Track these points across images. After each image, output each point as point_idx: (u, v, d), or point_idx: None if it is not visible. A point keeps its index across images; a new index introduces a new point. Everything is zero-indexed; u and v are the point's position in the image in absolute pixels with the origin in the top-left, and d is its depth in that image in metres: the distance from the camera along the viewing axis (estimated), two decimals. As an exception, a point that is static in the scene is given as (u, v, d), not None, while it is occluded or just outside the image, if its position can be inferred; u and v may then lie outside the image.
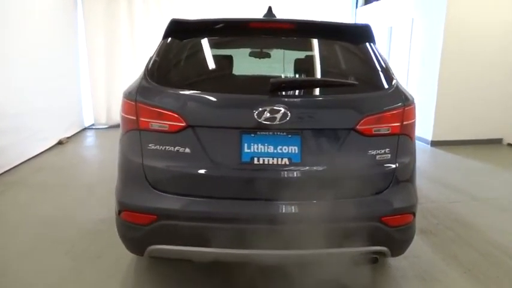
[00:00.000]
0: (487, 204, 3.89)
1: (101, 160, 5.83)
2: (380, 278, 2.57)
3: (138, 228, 2.02)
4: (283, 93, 2.00)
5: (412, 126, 2.12)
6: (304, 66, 2.28)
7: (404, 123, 2.06)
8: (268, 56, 2.31)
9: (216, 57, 2.17)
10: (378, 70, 2.16)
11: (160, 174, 2.00)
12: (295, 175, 1.94)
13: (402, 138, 2.07)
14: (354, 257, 2.06)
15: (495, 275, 2.64)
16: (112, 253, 2.85)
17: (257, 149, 1.95)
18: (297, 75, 2.16)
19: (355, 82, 2.05)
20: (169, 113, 1.96)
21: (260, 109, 1.90)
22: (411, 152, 2.13)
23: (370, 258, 2.18)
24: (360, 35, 2.26)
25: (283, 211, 1.93)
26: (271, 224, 1.90)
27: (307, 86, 2.06)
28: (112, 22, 7.76)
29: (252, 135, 1.95)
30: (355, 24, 2.19)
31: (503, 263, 2.79)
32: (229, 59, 2.19)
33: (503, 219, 3.58)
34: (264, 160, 1.95)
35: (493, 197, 4.14)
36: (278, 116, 1.90)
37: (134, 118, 2.03)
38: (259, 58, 2.35)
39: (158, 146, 1.99)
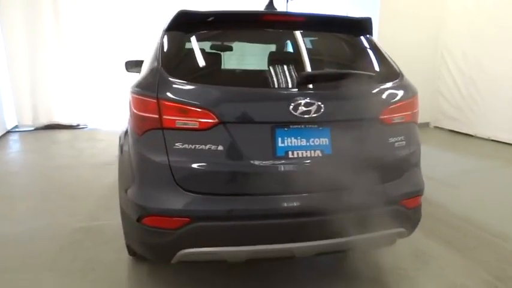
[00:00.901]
0: (440, 183, 4.33)
1: (41, 165, 5.26)
2: (378, 258, 2.73)
3: (167, 233, 1.90)
4: (311, 85, 2.02)
5: (418, 114, 2.28)
6: (317, 58, 2.31)
7: (414, 111, 2.21)
8: (282, 48, 2.30)
9: (233, 50, 2.10)
10: (387, 61, 2.28)
11: (192, 174, 1.90)
12: (327, 166, 1.98)
13: (412, 126, 2.22)
14: (381, 241, 2.16)
15: (472, 245, 2.97)
16: (104, 261, 2.64)
17: (291, 142, 1.95)
18: (314, 68, 2.18)
19: (373, 73, 2.15)
20: (200, 110, 1.87)
21: (295, 103, 1.90)
22: (418, 139, 2.29)
23: (391, 240, 2.30)
24: (363, 28, 2.36)
25: (319, 202, 1.95)
26: (308, 216, 1.93)
27: (333, 78, 2.10)
28: (32, 13, 6.98)
29: (286, 129, 1.94)
30: (360, 17, 2.26)
31: (474, 234, 3.14)
32: (247, 52, 2.13)
33: (458, 195, 4.03)
34: (298, 153, 1.95)
35: (441, 176, 4.61)
36: (313, 108, 1.92)
37: (156, 116, 1.89)
38: (275, 52, 2.32)
39: (187, 145, 1.88)
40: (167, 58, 2.05)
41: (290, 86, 1.98)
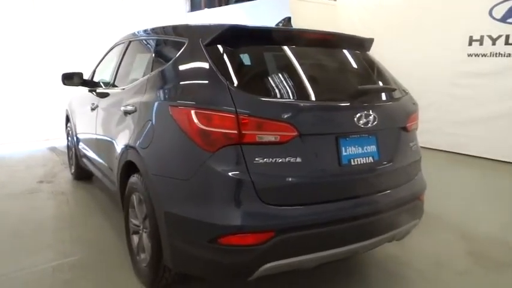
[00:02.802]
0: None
1: None
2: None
3: (249, 250, 1.87)
4: (367, 98, 2.24)
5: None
6: (355, 72, 2.51)
7: (418, 120, 2.62)
8: (323, 63, 2.45)
9: (292, 65, 2.17)
10: (393, 77, 2.64)
11: (273, 187, 1.90)
12: (378, 170, 2.21)
13: (416, 132, 2.63)
14: (407, 231, 2.47)
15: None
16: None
17: (351, 151, 2.11)
18: (358, 82, 2.41)
19: (396, 87, 2.48)
20: (282, 124, 1.90)
21: (359, 114, 2.09)
22: None
23: (410, 231, 2.63)
24: (369, 46, 2.68)
25: (377, 203, 2.16)
26: (369, 216, 2.13)
27: (378, 91, 2.35)
28: None
29: (347, 139, 2.10)
30: (367, 38, 2.58)
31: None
32: (302, 67, 2.24)
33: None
34: (357, 160, 2.13)
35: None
36: (370, 119, 2.13)
37: (235, 132, 1.86)
38: (318, 66, 2.45)
39: (267, 159, 1.89)
40: (232, 73, 2.00)
41: (352, 98, 2.16)
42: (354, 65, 2.47)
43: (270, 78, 2.08)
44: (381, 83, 2.43)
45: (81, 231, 3.39)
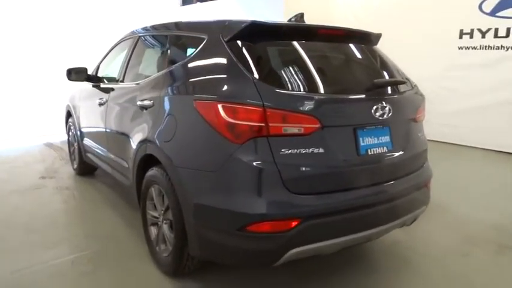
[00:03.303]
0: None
1: None
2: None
3: (277, 236, 1.97)
4: (383, 91, 2.35)
5: None
6: (369, 66, 2.61)
7: (424, 111, 2.75)
8: (338, 57, 2.55)
9: (310, 60, 2.26)
10: (401, 70, 2.75)
11: (298, 176, 2.00)
12: (392, 159, 2.33)
13: (423, 123, 2.75)
14: (415, 217, 2.60)
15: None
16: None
17: (368, 141, 2.22)
18: (373, 75, 2.51)
19: (405, 80, 2.59)
20: (307, 116, 2.00)
21: (376, 106, 2.20)
22: None
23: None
24: (377, 41, 2.79)
25: (392, 190, 2.28)
26: (386, 203, 2.25)
27: (392, 84, 2.46)
28: None
29: (364, 130, 2.21)
30: (376, 33, 2.70)
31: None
32: (320, 61, 2.32)
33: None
34: (373, 150, 2.24)
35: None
36: (386, 111, 2.25)
37: (262, 125, 1.94)
38: (334, 61, 2.54)
39: (292, 150, 1.98)
40: (255, 67, 2.08)
41: (368, 91, 2.26)
42: (367, 59, 2.58)
43: (290, 72, 2.16)
44: (392, 76, 2.54)
45: (93, 225, 3.45)
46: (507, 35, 5.88)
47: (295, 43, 2.27)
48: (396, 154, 2.36)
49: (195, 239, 2.19)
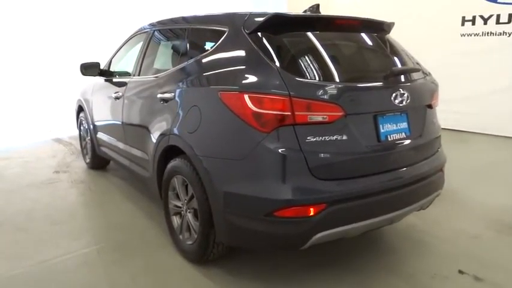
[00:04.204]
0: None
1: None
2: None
3: (303, 221, 2.06)
4: (402, 79, 2.43)
5: None
6: (385, 54, 2.68)
7: (438, 98, 2.82)
8: (356, 46, 2.62)
9: (331, 49, 2.34)
10: (413, 58, 2.83)
11: (323, 163, 2.08)
12: (410, 145, 2.41)
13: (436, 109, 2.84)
14: (431, 201, 2.70)
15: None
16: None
17: (387, 128, 2.31)
18: (390, 63, 2.60)
19: (420, 68, 2.67)
20: (331, 105, 2.08)
21: (395, 93, 2.28)
22: None
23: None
24: (390, 30, 2.86)
25: (413, 174, 2.37)
26: (406, 186, 2.34)
27: (409, 72, 2.54)
28: None
29: (383, 117, 2.30)
30: (389, 22, 2.78)
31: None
32: (340, 50, 2.38)
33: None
34: (393, 136, 2.33)
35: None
36: (404, 98, 2.33)
37: (289, 113, 2.02)
38: (352, 50, 2.62)
39: (318, 137, 2.06)
40: (279, 58, 2.15)
41: (388, 79, 2.34)
42: (383, 48, 2.65)
43: (312, 62, 2.23)
44: (407, 64, 2.62)
45: (112, 216, 3.53)
46: (509, 21, 5.96)
47: (315, 33, 2.34)
48: (414, 140, 2.44)
49: (223, 226, 2.28)
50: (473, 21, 6.31)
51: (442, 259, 2.70)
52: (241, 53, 2.32)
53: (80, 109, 4.90)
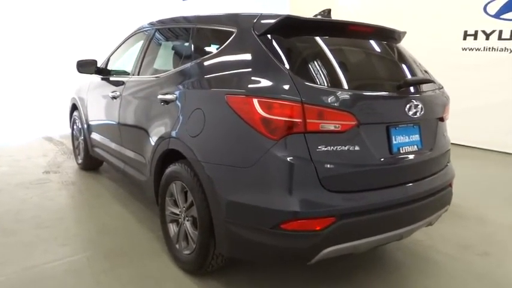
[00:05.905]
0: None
1: None
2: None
3: (311, 235, 1.93)
4: (415, 89, 2.33)
5: None
6: (398, 63, 2.57)
7: (449, 112, 2.73)
8: (368, 54, 2.52)
9: (344, 56, 2.23)
10: (426, 69, 2.74)
11: (334, 174, 1.96)
12: (421, 158, 2.31)
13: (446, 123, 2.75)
14: (439, 216, 2.59)
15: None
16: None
17: (400, 140, 2.20)
18: (403, 73, 2.48)
19: (433, 79, 2.58)
20: (344, 113, 1.97)
21: (410, 104, 2.18)
22: None
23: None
24: (401, 39, 2.77)
25: (424, 188, 2.27)
26: (416, 201, 2.23)
27: (423, 83, 2.43)
28: None
29: (396, 128, 2.19)
30: (401, 31, 2.69)
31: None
32: (353, 57, 2.28)
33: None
34: (405, 149, 2.22)
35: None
36: (418, 109, 2.22)
37: (299, 121, 1.90)
38: (365, 57, 2.51)
39: (329, 147, 1.95)
40: (290, 62, 2.04)
41: (402, 89, 2.23)
42: (395, 56, 2.55)
43: (324, 68, 2.12)
44: (419, 75, 2.52)
45: (103, 220, 3.37)
46: (511, 37, 5.93)
47: (327, 38, 2.24)
48: (425, 153, 2.34)
49: (225, 237, 2.15)
50: (475, 36, 6.28)
51: (448, 277, 2.60)
52: (250, 55, 2.20)
53: (74, 108, 4.74)
